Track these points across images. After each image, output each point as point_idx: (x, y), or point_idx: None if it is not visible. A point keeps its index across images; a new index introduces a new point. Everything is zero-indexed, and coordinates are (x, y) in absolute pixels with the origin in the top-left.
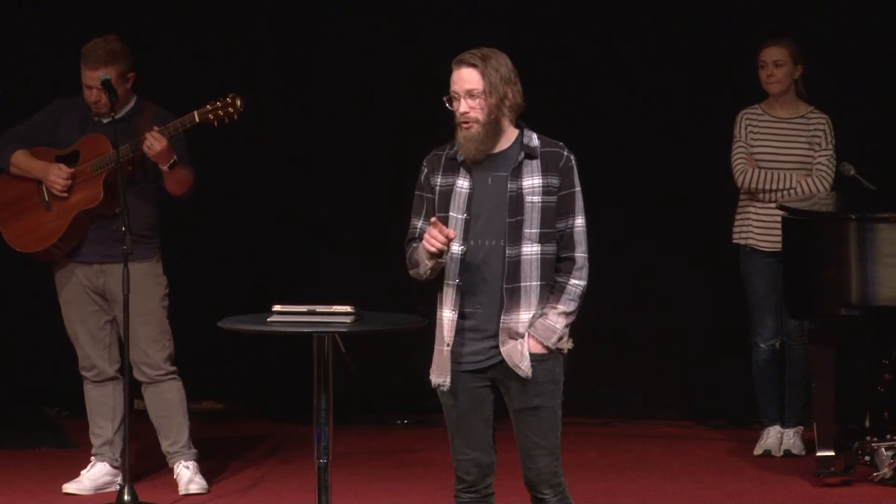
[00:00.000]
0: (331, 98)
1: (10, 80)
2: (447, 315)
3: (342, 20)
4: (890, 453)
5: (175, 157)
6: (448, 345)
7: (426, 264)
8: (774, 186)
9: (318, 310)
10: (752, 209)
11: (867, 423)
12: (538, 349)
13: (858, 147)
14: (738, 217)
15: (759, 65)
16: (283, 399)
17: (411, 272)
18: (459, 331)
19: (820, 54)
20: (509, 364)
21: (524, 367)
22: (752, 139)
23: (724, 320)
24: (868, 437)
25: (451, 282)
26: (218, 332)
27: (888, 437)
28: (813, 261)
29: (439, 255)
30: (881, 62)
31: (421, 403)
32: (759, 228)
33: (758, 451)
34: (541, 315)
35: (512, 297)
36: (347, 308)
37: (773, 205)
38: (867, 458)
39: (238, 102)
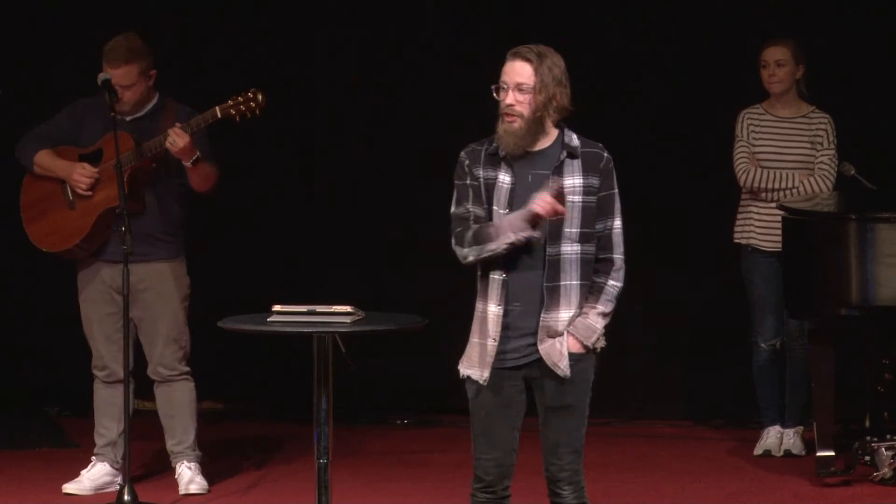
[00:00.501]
0: (332, 97)
1: (26, 79)
2: (493, 309)
3: (344, 20)
4: (890, 453)
5: (198, 153)
6: (494, 339)
7: (509, 237)
8: (777, 186)
9: (318, 310)
10: (754, 209)
11: (867, 423)
12: (577, 348)
13: (858, 147)
14: (739, 217)
15: (761, 64)
16: (283, 399)
17: (466, 250)
18: (502, 327)
19: (820, 54)
20: (547, 362)
21: (563, 367)
22: (753, 139)
23: (724, 320)
24: (868, 437)
25: (496, 276)
26: (218, 332)
27: (888, 437)
28: (813, 261)
29: (535, 225)
30: (881, 62)
31: (421, 403)
32: (760, 228)
33: (758, 451)
34: (580, 314)
35: (552, 296)
36: (347, 308)
37: (774, 204)
38: (867, 458)
39: (260, 97)
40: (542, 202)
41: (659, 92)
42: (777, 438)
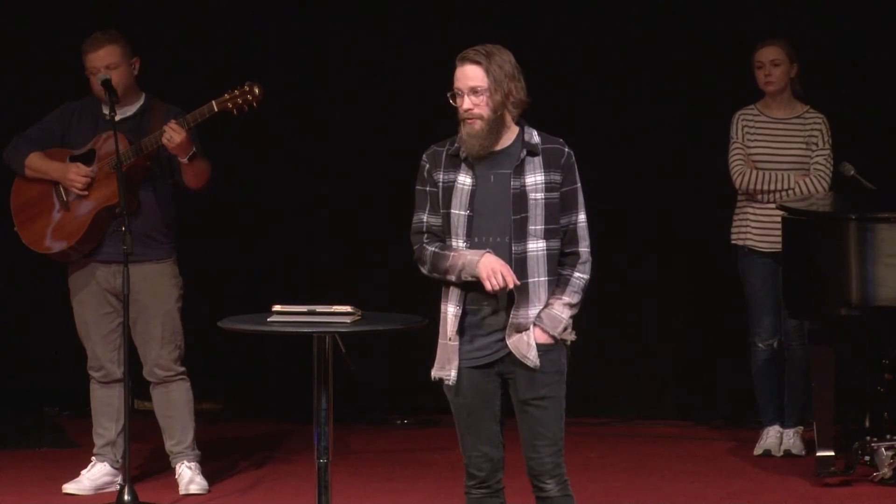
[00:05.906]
0: (333, 97)
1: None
2: (451, 310)
3: (345, 21)
4: (890, 453)
5: (194, 149)
6: (450, 339)
7: (461, 277)
8: (772, 187)
9: (318, 310)
10: (751, 210)
11: (867, 423)
12: (544, 339)
13: (858, 147)
14: (736, 218)
15: (756, 65)
16: (283, 399)
17: (426, 270)
18: (469, 326)
19: (819, 54)
20: (516, 355)
21: (532, 357)
22: (748, 140)
23: (723, 320)
24: (868, 437)
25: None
26: (218, 332)
27: (888, 437)
28: (813, 261)
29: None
30: (880, 62)
31: (421, 403)
32: (757, 229)
33: (758, 451)
34: (546, 306)
35: (521, 294)
36: (347, 308)
37: (771, 205)
38: (867, 458)
39: (256, 90)
40: (491, 277)
41: (656, 92)
42: (777, 438)
